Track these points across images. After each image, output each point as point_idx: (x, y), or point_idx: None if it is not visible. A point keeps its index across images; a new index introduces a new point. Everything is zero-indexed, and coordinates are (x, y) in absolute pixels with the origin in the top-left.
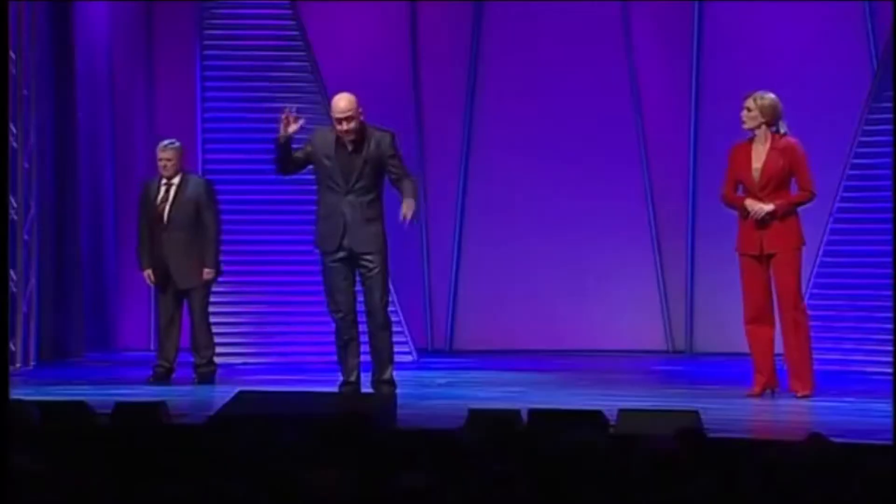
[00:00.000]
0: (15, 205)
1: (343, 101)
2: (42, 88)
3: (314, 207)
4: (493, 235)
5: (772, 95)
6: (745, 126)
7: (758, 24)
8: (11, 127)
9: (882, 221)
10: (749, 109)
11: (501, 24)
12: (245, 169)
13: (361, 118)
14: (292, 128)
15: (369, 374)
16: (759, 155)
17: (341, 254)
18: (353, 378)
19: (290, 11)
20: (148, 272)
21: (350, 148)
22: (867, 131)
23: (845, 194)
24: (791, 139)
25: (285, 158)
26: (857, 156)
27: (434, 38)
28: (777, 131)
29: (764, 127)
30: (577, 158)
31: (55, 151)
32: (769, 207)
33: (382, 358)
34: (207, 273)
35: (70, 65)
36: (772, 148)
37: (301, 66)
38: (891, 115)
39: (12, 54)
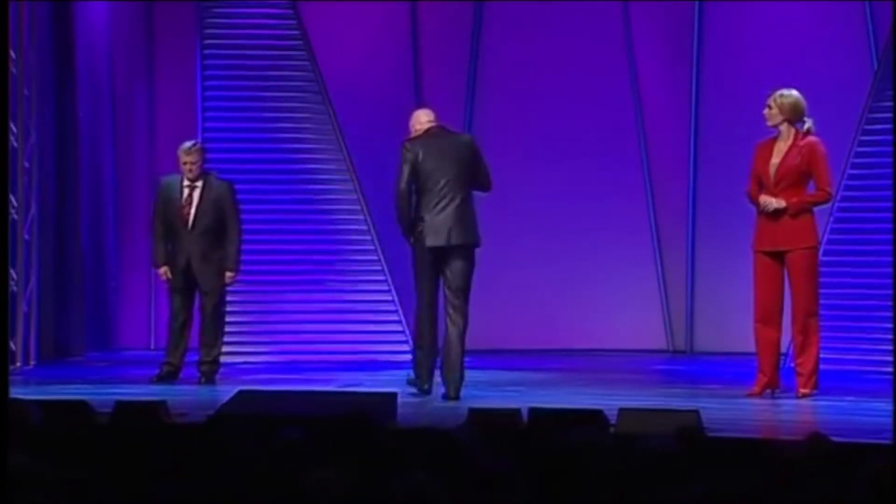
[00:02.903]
0: (15, 204)
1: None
2: (42, 88)
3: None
4: (493, 235)
5: (794, 93)
6: (768, 123)
7: (758, 24)
8: (12, 126)
9: (882, 221)
10: (770, 107)
11: (501, 24)
12: (245, 169)
13: (419, 129)
14: None
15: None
16: (779, 151)
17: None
18: (426, 386)
19: (290, 11)
20: (164, 269)
21: None
22: (867, 131)
23: (845, 194)
24: (813, 138)
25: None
26: (857, 155)
27: (434, 38)
28: (801, 129)
29: (787, 124)
30: (578, 158)
31: (55, 151)
32: (779, 203)
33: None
34: (229, 276)
35: (70, 65)
36: (793, 145)
37: (301, 65)
38: (891, 115)
39: (12, 54)
